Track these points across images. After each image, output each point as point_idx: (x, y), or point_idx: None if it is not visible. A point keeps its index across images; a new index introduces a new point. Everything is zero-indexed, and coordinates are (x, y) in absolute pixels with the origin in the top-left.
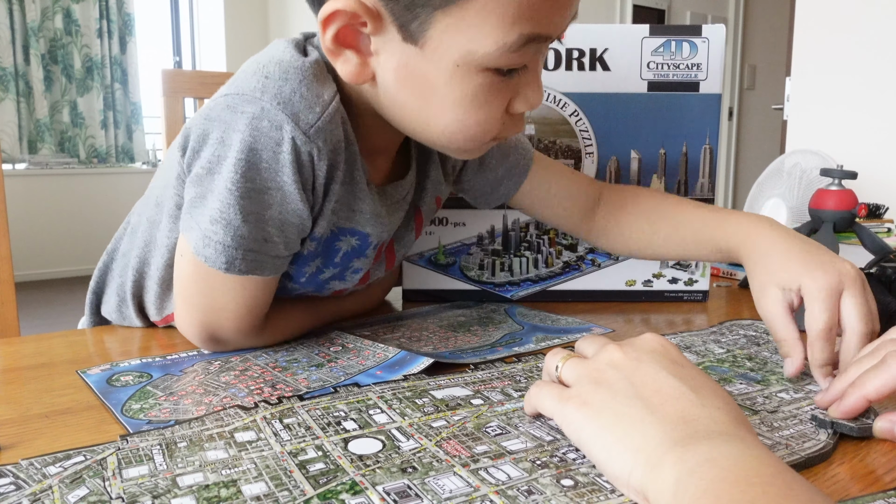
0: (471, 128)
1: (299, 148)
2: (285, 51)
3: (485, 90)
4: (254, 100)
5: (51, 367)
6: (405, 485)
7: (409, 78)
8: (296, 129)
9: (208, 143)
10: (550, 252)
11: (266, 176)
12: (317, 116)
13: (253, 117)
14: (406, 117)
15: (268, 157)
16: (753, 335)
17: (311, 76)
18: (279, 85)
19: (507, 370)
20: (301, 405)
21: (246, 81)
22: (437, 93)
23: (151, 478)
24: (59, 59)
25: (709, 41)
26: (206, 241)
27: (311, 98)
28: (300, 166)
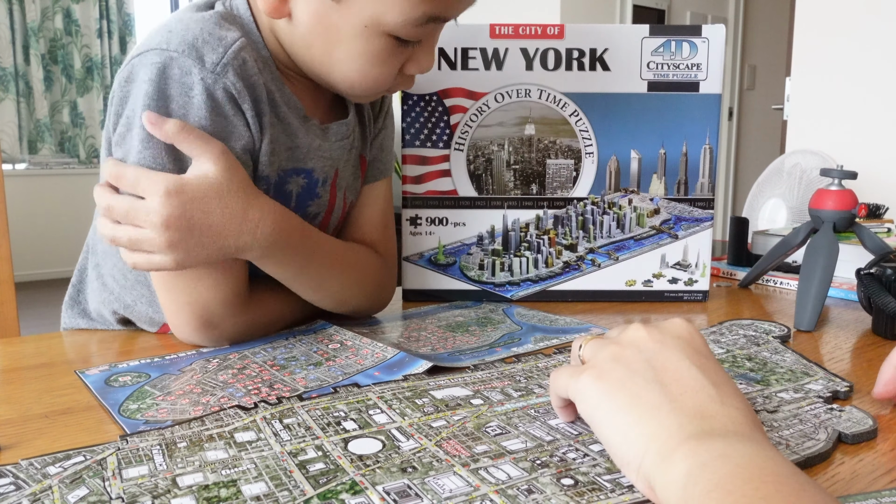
0: (367, 80)
1: (211, 88)
2: (186, 9)
3: (384, 52)
4: (160, 52)
5: (51, 367)
6: (405, 484)
7: (322, 25)
8: (203, 70)
9: (126, 102)
10: (550, 252)
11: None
12: (220, 55)
13: (163, 66)
14: (313, 59)
15: (183, 103)
16: (753, 335)
17: (211, 23)
18: (182, 34)
19: (506, 370)
20: (301, 405)
21: (152, 38)
22: (343, 44)
23: (151, 478)
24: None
25: (709, 41)
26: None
27: (212, 41)
28: (218, 107)
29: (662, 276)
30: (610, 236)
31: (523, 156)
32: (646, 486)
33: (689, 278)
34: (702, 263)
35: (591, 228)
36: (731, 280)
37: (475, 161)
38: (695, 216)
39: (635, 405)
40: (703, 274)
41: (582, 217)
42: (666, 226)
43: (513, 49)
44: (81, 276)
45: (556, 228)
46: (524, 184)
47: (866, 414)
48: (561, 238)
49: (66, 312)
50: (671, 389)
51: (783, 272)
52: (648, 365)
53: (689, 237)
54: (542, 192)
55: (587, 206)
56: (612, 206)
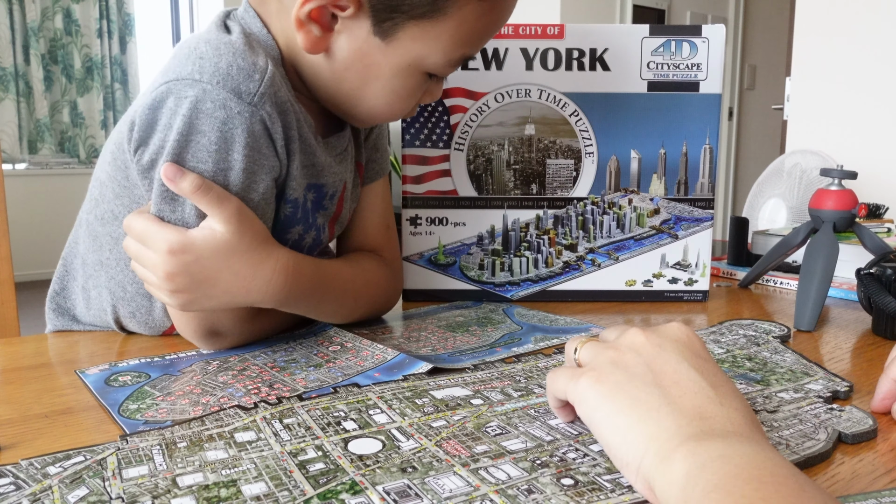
0: (393, 113)
1: (248, 120)
2: (210, 31)
3: (414, 87)
4: (194, 83)
5: (51, 367)
6: (405, 484)
7: (363, 63)
8: (240, 104)
9: (154, 132)
10: (550, 252)
11: (218, 157)
12: (257, 84)
13: (196, 100)
14: (340, 91)
15: (216, 139)
16: (753, 335)
17: (241, 47)
18: (215, 62)
19: (506, 370)
20: (301, 405)
21: (182, 66)
22: (379, 81)
23: (151, 478)
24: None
25: (709, 41)
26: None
27: (247, 67)
28: (253, 140)
29: (662, 275)
30: (610, 236)
31: (523, 156)
32: (645, 486)
33: (689, 278)
34: (702, 263)
35: (591, 228)
36: (731, 280)
37: (475, 161)
38: (695, 216)
39: (634, 407)
40: (703, 274)
41: (582, 217)
42: (666, 226)
43: (513, 49)
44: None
45: (556, 228)
46: (524, 184)
47: (866, 414)
48: (561, 238)
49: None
50: (670, 391)
51: (783, 272)
52: (647, 368)
53: (689, 237)
54: (542, 191)
55: (587, 206)
56: (612, 205)
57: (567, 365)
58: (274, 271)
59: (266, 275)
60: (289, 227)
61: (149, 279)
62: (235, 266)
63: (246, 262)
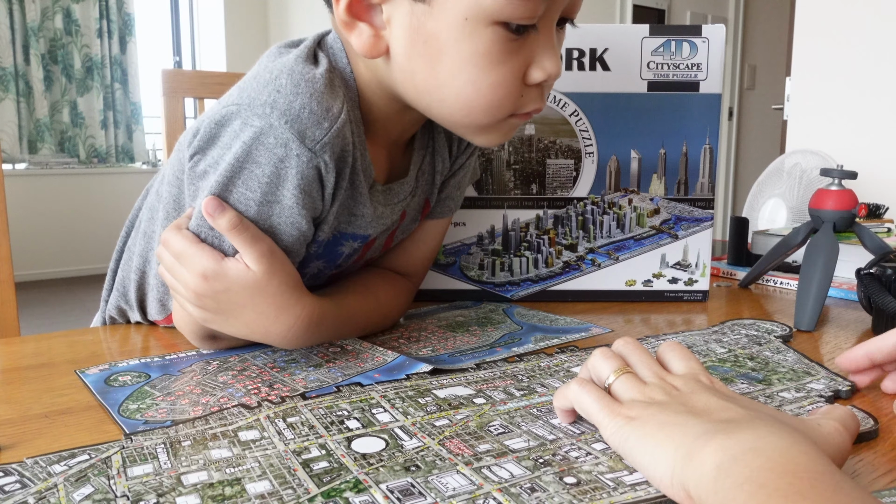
0: (484, 91)
1: (305, 165)
2: (297, 61)
3: (496, 47)
4: (263, 115)
5: (51, 367)
6: (409, 483)
7: (419, 40)
8: (301, 147)
9: (213, 146)
10: (550, 252)
11: (267, 190)
12: (324, 132)
13: (260, 132)
14: (420, 87)
15: (269, 172)
16: (755, 335)
17: (321, 88)
18: (289, 100)
19: (508, 369)
20: (304, 404)
21: (258, 93)
22: (447, 53)
23: (156, 476)
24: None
25: (709, 41)
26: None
27: (320, 112)
28: (305, 182)
29: (662, 275)
30: (610, 236)
31: (523, 156)
32: (683, 494)
33: (689, 278)
34: (702, 263)
35: (591, 228)
36: (731, 280)
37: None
38: (695, 216)
39: (662, 428)
40: (703, 274)
41: (582, 217)
42: (666, 226)
43: None
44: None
45: (556, 228)
46: (524, 184)
47: (867, 414)
48: (561, 238)
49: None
50: (699, 412)
51: (783, 272)
52: (681, 402)
53: (689, 237)
54: (542, 191)
55: (587, 206)
56: (612, 205)
57: (593, 378)
58: (298, 318)
59: (289, 321)
60: (308, 262)
61: (177, 290)
62: (261, 306)
63: (271, 303)
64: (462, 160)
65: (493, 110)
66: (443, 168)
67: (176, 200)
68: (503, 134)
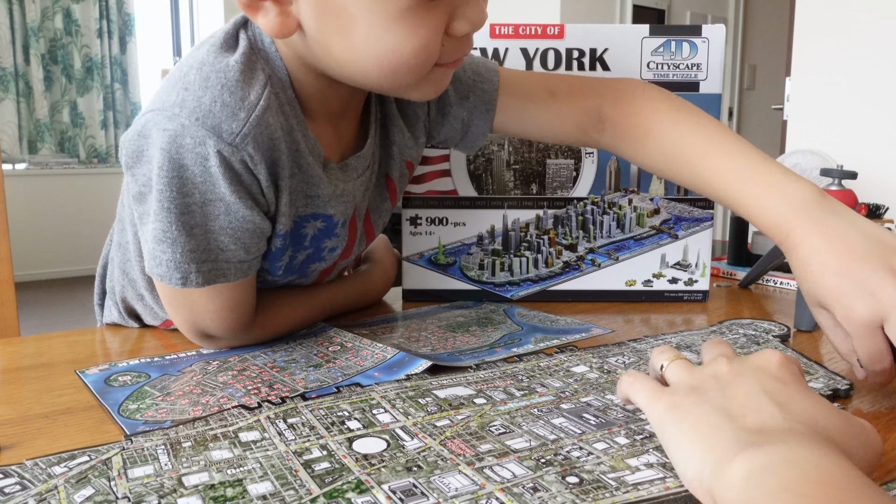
0: (406, 55)
1: (228, 160)
2: (209, 52)
3: (411, 11)
4: (173, 116)
5: (51, 367)
6: (411, 483)
7: (329, 14)
8: (220, 142)
9: (140, 162)
10: (550, 252)
11: (204, 189)
12: (241, 123)
13: (175, 135)
14: (339, 60)
15: (200, 172)
16: (753, 334)
17: (234, 77)
18: (198, 96)
19: (508, 369)
20: (304, 405)
21: (167, 94)
22: (359, 24)
23: (157, 477)
24: (59, 59)
25: (709, 41)
26: (157, 260)
27: (233, 103)
28: (236, 176)
29: (662, 275)
30: (610, 236)
31: (523, 156)
32: (710, 500)
33: (689, 278)
34: (702, 263)
35: (591, 228)
36: (731, 280)
37: (475, 161)
38: (695, 216)
39: (698, 427)
40: (703, 274)
41: (582, 217)
42: (666, 226)
43: (513, 49)
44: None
45: (556, 228)
46: (524, 184)
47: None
48: (561, 238)
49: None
50: (734, 412)
51: (783, 272)
52: (721, 393)
53: (689, 237)
54: (542, 191)
55: (587, 206)
56: (612, 205)
57: (651, 374)
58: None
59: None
60: (279, 256)
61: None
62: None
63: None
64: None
65: (417, 69)
66: (402, 139)
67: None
68: (435, 84)
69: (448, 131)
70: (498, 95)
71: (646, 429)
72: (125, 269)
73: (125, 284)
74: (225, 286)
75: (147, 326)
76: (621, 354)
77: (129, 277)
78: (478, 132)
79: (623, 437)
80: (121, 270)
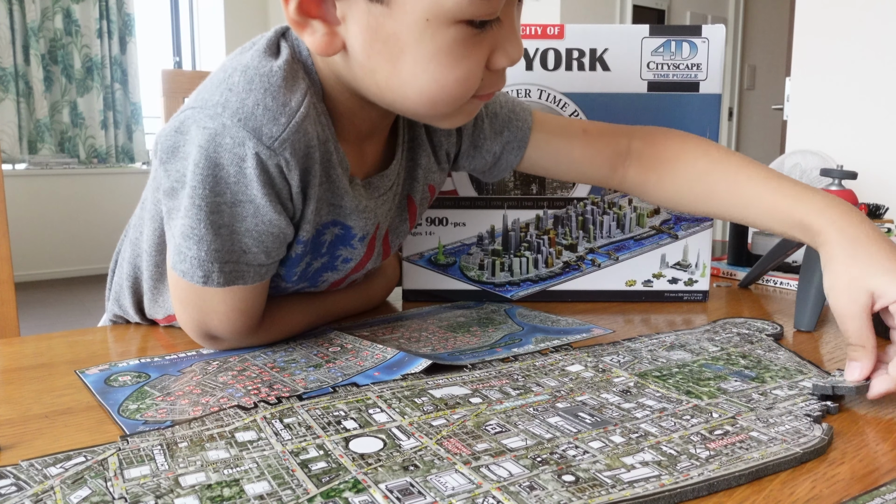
0: (449, 87)
1: (265, 163)
2: (254, 56)
3: (459, 45)
4: (215, 115)
5: (51, 367)
6: (408, 482)
7: (379, 40)
8: (259, 145)
9: (175, 158)
10: (550, 252)
11: (236, 189)
12: (282, 128)
13: (215, 134)
14: (381, 85)
15: (234, 172)
16: (746, 333)
17: (277, 83)
18: (241, 98)
19: (504, 369)
20: (301, 405)
21: (210, 94)
22: (408, 52)
23: (154, 478)
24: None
25: (709, 41)
26: (181, 256)
27: (275, 108)
28: (269, 179)
29: (662, 276)
30: (610, 236)
31: None
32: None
33: (689, 278)
34: (702, 263)
35: (591, 228)
36: (731, 280)
37: None
38: (695, 216)
39: None
40: (703, 274)
41: (582, 217)
42: (666, 226)
43: None
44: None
45: (556, 228)
46: (524, 184)
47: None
48: (561, 238)
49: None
50: None
51: (783, 272)
52: None
53: (689, 237)
54: (542, 192)
55: (587, 206)
56: (612, 205)
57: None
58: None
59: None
60: (297, 263)
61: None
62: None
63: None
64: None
65: (456, 100)
66: (428, 163)
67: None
68: (466, 115)
69: (478, 163)
70: (532, 132)
71: (641, 427)
72: (136, 263)
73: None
74: (241, 289)
75: (146, 325)
76: (616, 353)
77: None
78: (506, 165)
79: (618, 436)
80: (131, 265)
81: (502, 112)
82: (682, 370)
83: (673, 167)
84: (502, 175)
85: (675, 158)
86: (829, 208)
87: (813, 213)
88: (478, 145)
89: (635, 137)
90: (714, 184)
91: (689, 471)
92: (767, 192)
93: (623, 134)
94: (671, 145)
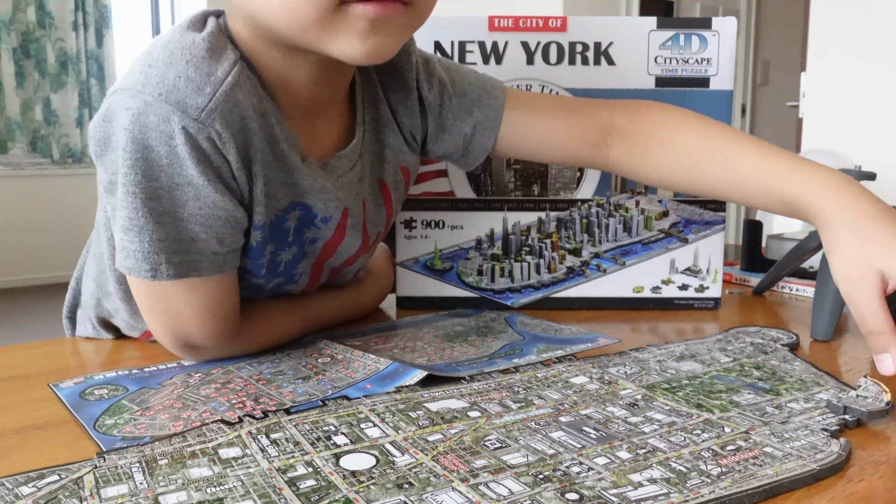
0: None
1: (195, 137)
2: (174, 31)
3: None
4: (135, 94)
5: (26, 380)
6: (402, 501)
7: None
8: (185, 118)
9: (108, 149)
10: (553, 257)
11: (171, 172)
12: (207, 98)
13: (138, 113)
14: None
15: (165, 153)
16: (760, 342)
17: (200, 53)
18: (162, 72)
19: (504, 381)
20: (288, 419)
21: (131, 74)
22: None
23: (132, 497)
24: (31, 54)
25: (719, 35)
26: (125, 252)
27: (199, 78)
28: (204, 156)
29: (672, 282)
30: (616, 240)
31: None
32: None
33: (700, 284)
34: (713, 269)
35: (596, 232)
36: (744, 286)
37: None
38: (706, 219)
39: None
40: (714, 280)
41: (586, 220)
42: (675, 229)
43: (513, 42)
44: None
45: (559, 232)
46: (525, 185)
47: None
48: (564, 242)
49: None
50: None
51: (799, 278)
52: None
53: (699, 241)
54: (544, 193)
55: (592, 209)
56: (619, 208)
57: None
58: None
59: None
60: (261, 252)
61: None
62: None
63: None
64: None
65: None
66: (397, 143)
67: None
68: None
69: (448, 146)
70: (505, 109)
71: (649, 442)
72: (100, 281)
73: (100, 297)
74: (202, 283)
75: (125, 337)
76: (622, 364)
77: (103, 290)
78: (480, 148)
79: (625, 452)
80: (95, 283)
81: (471, 90)
82: (692, 382)
83: (660, 143)
84: (478, 161)
85: (661, 133)
86: (827, 184)
87: (811, 191)
88: (445, 126)
89: (617, 111)
90: (703, 159)
91: (699, 488)
92: (761, 168)
93: (605, 108)
94: (656, 118)
